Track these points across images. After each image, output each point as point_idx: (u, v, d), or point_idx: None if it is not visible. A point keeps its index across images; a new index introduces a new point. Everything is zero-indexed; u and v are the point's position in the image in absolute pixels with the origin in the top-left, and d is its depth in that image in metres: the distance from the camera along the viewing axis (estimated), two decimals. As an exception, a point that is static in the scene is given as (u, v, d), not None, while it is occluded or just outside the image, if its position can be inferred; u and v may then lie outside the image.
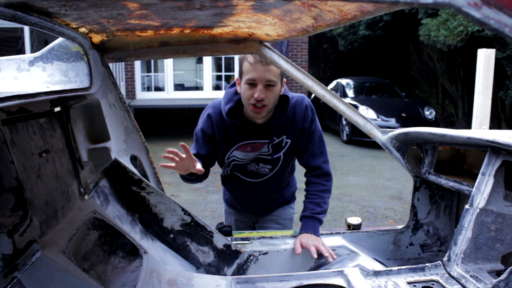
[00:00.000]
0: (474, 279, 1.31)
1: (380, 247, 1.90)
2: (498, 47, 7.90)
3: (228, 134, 1.78)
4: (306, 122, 1.79)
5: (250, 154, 1.80)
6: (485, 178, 1.44)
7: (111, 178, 1.62)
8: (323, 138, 1.86)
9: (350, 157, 7.61)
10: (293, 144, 1.81)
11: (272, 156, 1.81)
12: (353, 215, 4.43)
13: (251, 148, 1.79)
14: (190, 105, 9.61)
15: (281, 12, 1.24)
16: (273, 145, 1.79)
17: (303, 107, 1.78)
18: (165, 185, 4.89)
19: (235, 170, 1.87)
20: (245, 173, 1.88)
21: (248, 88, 1.65)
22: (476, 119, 4.16)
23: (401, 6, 0.94)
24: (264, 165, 1.84)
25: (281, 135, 1.79)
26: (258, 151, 1.80)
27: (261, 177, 1.87)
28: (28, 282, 0.87)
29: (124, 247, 1.35)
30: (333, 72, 17.39)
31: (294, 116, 1.78)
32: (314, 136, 1.81)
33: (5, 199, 0.86)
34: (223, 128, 1.77)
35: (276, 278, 1.38)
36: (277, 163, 1.84)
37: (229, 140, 1.78)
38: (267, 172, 1.85)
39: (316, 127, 1.82)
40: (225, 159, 1.83)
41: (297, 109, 1.78)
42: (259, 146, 1.79)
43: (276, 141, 1.79)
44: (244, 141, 1.77)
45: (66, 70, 1.58)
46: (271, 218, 2.05)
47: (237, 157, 1.81)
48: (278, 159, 1.83)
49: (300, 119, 1.78)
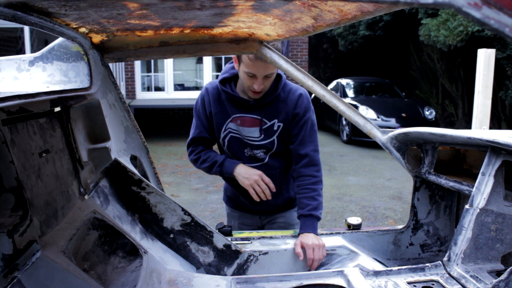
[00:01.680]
0: (474, 279, 1.31)
1: (380, 247, 1.90)
2: (498, 47, 7.90)
3: (223, 106, 1.85)
4: (299, 108, 1.82)
5: (240, 128, 1.84)
6: (485, 178, 1.44)
7: (111, 178, 1.62)
8: (315, 128, 1.89)
9: (350, 157, 7.61)
10: (285, 128, 1.84)
11: (265, 141, 1.84)
12: (353, 215, 4.43)
13: (240, 121, 1.83)
14: (190, 105, 9.58)
15: (281, 12, 1.24)
16: (264, 130, 1.82)
17: (297, 94, 1.84)
18: (165, 185, 4.89)
19: (233, 145, 1.88)
20: (242, 158, 1.89)
21: (247, 78, 1.73)
22: (476, 119, 4.16)
23: (401, 6, 0.94)
24: (258, 150, 1.87)
25: (272, 117, 1.81)
26: (247, 128, 1.83)
27: (259, 162, 1.88)
28: (28, 282, 0.87)
29: (124, 247, 1.35)
30: (333, 72, 17.39)
31: (286, 100, 1.82)
32: (307, 124, 1.84)
33: (5, 199, 0.86)
34: (219, 100, 1.86)
35: (276, 278, 1.38)
36: (271, 148, 1.86)
37: (225, 112, 1.85)
38: (263, 156, 1.87)
39: (310, 116, 1.86)
40: (221, 132, 1.87)
41: (291, 95, 1.83)
42: (248, 121, 1.82)
43: (268, 124, 1.81)
44: (236, 114, 1.84)
45: (66, 70, 1.58)
46: (279, 225, 2.04)
47: (232, 129, 1.86)
48: (272, 143, 1.85)
49: (292, 103, 1.82)
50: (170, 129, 10.07)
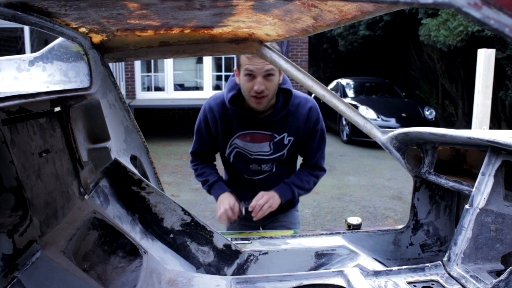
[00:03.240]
0: (474, 279, 1.31)
1: (380, 247, 1.90)
2: (498, 47, 7.90)
3: (229, 123, 1.82)
4: (309, 123, 1.83)
5: (249, 145, 1.82)
6: (485, 178, 1.44)
7: (111, 178, 1.62)
8: (324, 136, 1.91)
9: (350, 157, 7.61)
10: (295, 142, 1.84)
11: (274, 155, 1.82)
12: (353, 215, 4.43)
13: (250, 138, 1.82)
14: (190, 105, 9.61)
15: (281, 12, 1.24)
16: (274, 143, 1.80)
17: (307, 107, 1.82)
18: (165, 185, 4.89)
19: (238, 161, 1.88)
20: (247, 172, 1.90)
21: (247, 80, 1.69)
22: (476, 119, 4.16)
23: (401, 6, 0.94)
24: (265, 164, 1.87)
25: (282, 132, 1.80)
26: (257, 144, 1.81)
27: (265, 173, 1.89)
28: (28, 282, 0.87)
29: (124, 247, 1.35)
30: (333, 72, 17.39)
31: (297, 115, 1.80)
32: (316, 135, 1.86)
33: (5, 199, 0.86)
34: (224, 117, 1.82)
35: (276, 278, 1.38)
36: (280, 159, 1.86)
37: (231, 129, 1.82)
38: (270, 168, 1.88)
39: (321, 127, 1.87)
40: (226, 148, 1.86)
41: (300, 108, 1.81)
42: (258, 137, 1.81)
43: (277, 138, 1.80)
44: (245, 131, 1.81)
45: (66, 70, 1.58)
46: (281, 224, 2.05)
47: (238, 145, 1.84)
48: (281, 156, 1.85)
49: (303, 118, 1.81)
50: (170, 129, 10.07)
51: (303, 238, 1.83)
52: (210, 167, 1.99)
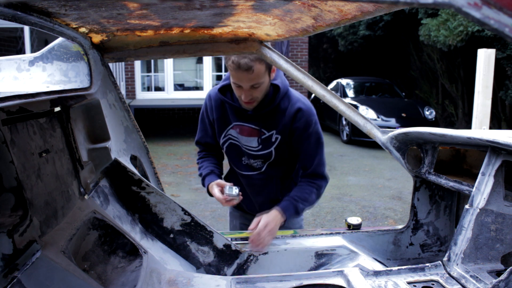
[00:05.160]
0: (474, 279, 1.31)
1: (380, 247, 1.90)
2: (498, 47, 7.90)
3: (224, 113, 1.86)
4: (298, 123, 1.77)
5: (239, 137, 1.84)
6: (485, 178, 1.44)
7: (111, 178, 1.62)
8: (321, 141, 1.84)
9: (350, 157, 7.62)
10: (283, 141, 1.80)
11: (262, 151, 1.82)
12: (353, 215, 4.43)
13: (240, 130, 1.83)
14: (190, 105, 9.61)
15: (281, 12, 1.24)
16: (262, 140, 1.81)
17: (295, 107, 1.77)
18: (165, 185, 4.89)
19: (231, 152, 1.90)
20: (239, 165, 1.91)
21: (235, 87, 1.71)
22: (476, 119, 4.16)
23: (401, 6, 0.94)
24: (255, 159, 1.87)
25: (270, 129, 1.79)
26: (245, 137, 1.82)
27: (256, 171, 1.89)
28: (28, 282, 0.87)
29: (124, 247, 1.35)
30: (333, 72, 17.39)
31: (285, 112, 1.78)
32: (310, 139, 1.80)
33: (5, 199, 0.86)
34: (220, 106, 1.86)
35: (276, 278, 1.38)
36: (269, 158, 1.84)
37: (226, 119, 1.85)
38: (260, 165, 1.87)
39: (314, 130, 1.80)
40: (221, 137, 1.88)
41: (290, 107, 1.78)
42: (247, 130, 1.82)
43: (266, 135, 1.80)
44: (236, 122, 1.83)
45: (66, 70, 1.58)
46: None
47: (232, 135, 1.86)
48: (269, 154, 1.84)
49: (290, 117, 1.77)
50: (170, 129, 10.07)
51: (303, 238, 1.83)
52: (208, 160, 1.98)
